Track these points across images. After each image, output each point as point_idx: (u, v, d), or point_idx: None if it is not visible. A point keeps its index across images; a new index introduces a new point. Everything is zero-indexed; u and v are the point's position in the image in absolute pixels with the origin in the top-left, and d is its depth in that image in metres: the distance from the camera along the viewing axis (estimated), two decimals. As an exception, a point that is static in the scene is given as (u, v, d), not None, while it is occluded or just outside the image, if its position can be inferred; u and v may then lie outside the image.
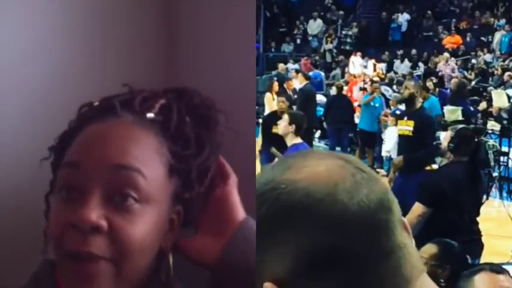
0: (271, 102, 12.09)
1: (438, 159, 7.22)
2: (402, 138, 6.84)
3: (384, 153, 13.19)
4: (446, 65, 18.86)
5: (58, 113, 1.70)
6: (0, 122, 1.88)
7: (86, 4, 2.04)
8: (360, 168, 0.91)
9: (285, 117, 5.93)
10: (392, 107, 13.50)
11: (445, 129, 9.53)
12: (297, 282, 0.85)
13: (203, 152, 1.64)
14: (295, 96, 13.27)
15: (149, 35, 2.13)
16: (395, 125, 12.81)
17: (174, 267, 1.63)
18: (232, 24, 2.06)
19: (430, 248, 3.78)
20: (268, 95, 12.70)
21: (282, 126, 5.83)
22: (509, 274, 2.76)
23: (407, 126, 6.65)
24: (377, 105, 13.45)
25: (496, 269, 2.76)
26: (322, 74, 19.99)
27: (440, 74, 18.19)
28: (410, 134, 6.56)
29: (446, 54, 19.55)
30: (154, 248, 1.55)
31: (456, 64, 19.47)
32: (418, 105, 6.74)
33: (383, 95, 14.73)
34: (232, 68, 2.06)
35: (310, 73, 17.92)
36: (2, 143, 1.81)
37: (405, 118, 6.77)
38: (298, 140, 5.79)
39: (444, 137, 4.89)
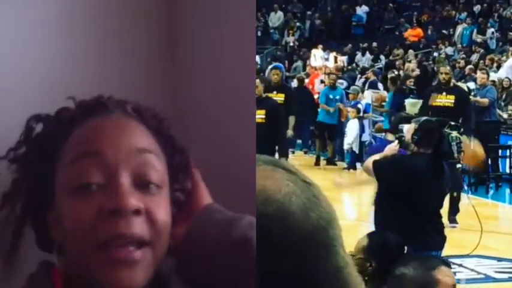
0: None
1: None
2: (442, 109, 8.21)
3: (346, 146, 13.12)
4: None
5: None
6: (1, 121, 1.86)
7: (85, 3, 2.04)
8: (302, 178, 0.82)
9: None
10: (351, 100, 13.44)
11: (408, 121, 9.49)
12: None
13: (184, 148, 1.70)
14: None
15: (149, 35, 2.13)
16: (357, 118, 12.83)
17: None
18: (232, 24, 2.06)
19: (362, 241, 3.63)
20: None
21: None
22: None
23: (448, 100, 8.33)
24: (337, 97, 13.35)
25: (447, 262, 2.72)
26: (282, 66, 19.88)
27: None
28: (452, 105, 8.28)
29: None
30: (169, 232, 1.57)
31: (417, 57, 19.48)
32: (452, 83, 8.62)
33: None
34: (232, 68, 2.06)
35: (270, 66, 17.84)
36: (2, 142, 1.78)
37: (444, 93, 8.41)
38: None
39: (407, 130, 4.88)
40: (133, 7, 2.10)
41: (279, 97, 9.70)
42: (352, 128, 12.94)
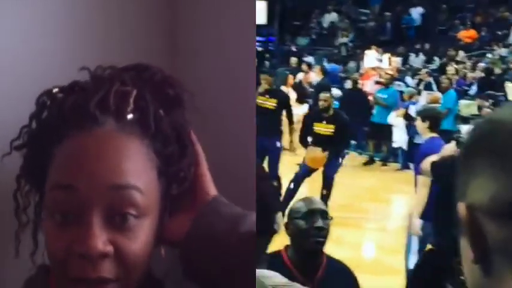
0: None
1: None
2: (323, 137, 8.28)
3: (394, 145, 13.17)
4: None
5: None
6: (4, 111, 1.85)
7: (85, 2, 2.03)
8: None
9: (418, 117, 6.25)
10: (406, 101, 13.47)
11: (465, 121, 9.75)
12: (493, 217, 0.73)
13: (187, 151, 1.64)
14: (311, 90, 13.30)
15: (149, 35, 2.10)
16: (404, 117, 12.83)
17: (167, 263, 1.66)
18: (233, 24, 2.05)
19: None
20: (283, 88, 12.74)
21: (417, 125, 6.22)
22: None
23: (327, 129, 8.27)
24: (385, 96, 13.42)
25: None
26: (338, 67, 19.93)
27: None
28: (332, 134, 8.21)
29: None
30: (152, 251, 1.58)
31: (471, 59, 19.37)
32: (332, 111, 8.45)
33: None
34: (232, 67, 2.03)
35: (328, 67, 17.93)
36: (5, 134, 1.75)
37: (324, 122, 8.33)
38: (434, 134, 5.97)
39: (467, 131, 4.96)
40: (133, 7, 2.07)
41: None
42: (397, 127, 12.99)
